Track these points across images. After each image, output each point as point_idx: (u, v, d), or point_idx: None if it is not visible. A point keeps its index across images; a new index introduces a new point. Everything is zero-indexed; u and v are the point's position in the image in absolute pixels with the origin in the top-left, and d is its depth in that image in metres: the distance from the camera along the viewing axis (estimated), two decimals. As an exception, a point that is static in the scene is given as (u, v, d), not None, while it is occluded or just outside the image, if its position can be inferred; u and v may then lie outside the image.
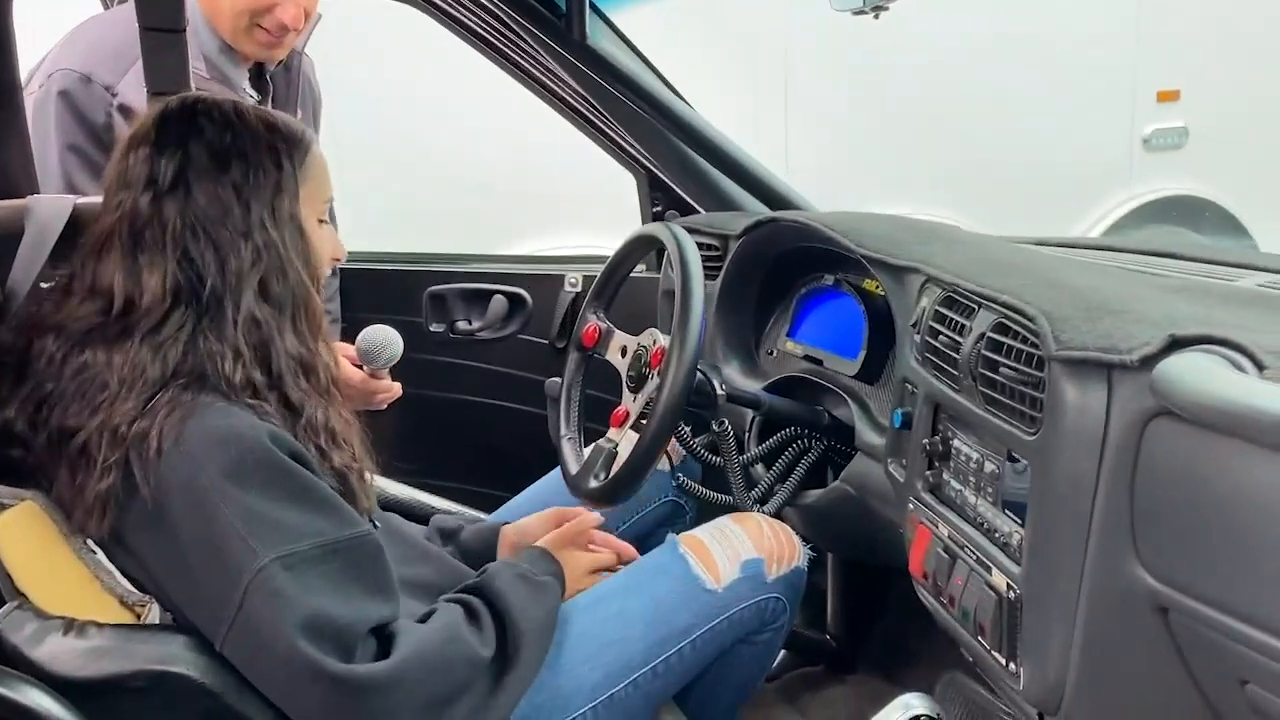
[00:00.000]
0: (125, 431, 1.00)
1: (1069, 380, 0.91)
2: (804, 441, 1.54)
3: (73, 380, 1.04)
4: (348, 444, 1.14)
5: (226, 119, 1.11)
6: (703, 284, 1.29)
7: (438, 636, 1.07)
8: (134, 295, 1.05)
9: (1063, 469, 0.91)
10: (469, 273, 2.24)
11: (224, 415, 1.02)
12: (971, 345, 1.06)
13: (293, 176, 1.13)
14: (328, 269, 1.22)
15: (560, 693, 1.24)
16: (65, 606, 1.02)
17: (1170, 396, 0.79)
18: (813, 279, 1.63)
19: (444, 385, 2.23)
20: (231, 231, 1.08)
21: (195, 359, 1.04)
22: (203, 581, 1.01)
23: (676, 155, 1.84)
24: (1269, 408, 0.71)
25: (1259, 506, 0.75)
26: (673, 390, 1.25)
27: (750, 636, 1.36)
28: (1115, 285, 1.10)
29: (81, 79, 1.54)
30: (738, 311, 1.72)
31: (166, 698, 1.01)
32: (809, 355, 1.62)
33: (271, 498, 1.00)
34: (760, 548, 1.35)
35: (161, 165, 1.08)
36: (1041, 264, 1.20)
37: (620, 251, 1.50)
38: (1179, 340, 0.85)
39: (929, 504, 1.18)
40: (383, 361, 1.51)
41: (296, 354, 1.11)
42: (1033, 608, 0.97)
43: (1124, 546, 0.88)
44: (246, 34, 1.61)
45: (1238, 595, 0.78)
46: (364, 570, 1.05)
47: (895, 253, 1.31)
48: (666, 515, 1.63)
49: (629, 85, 1.59)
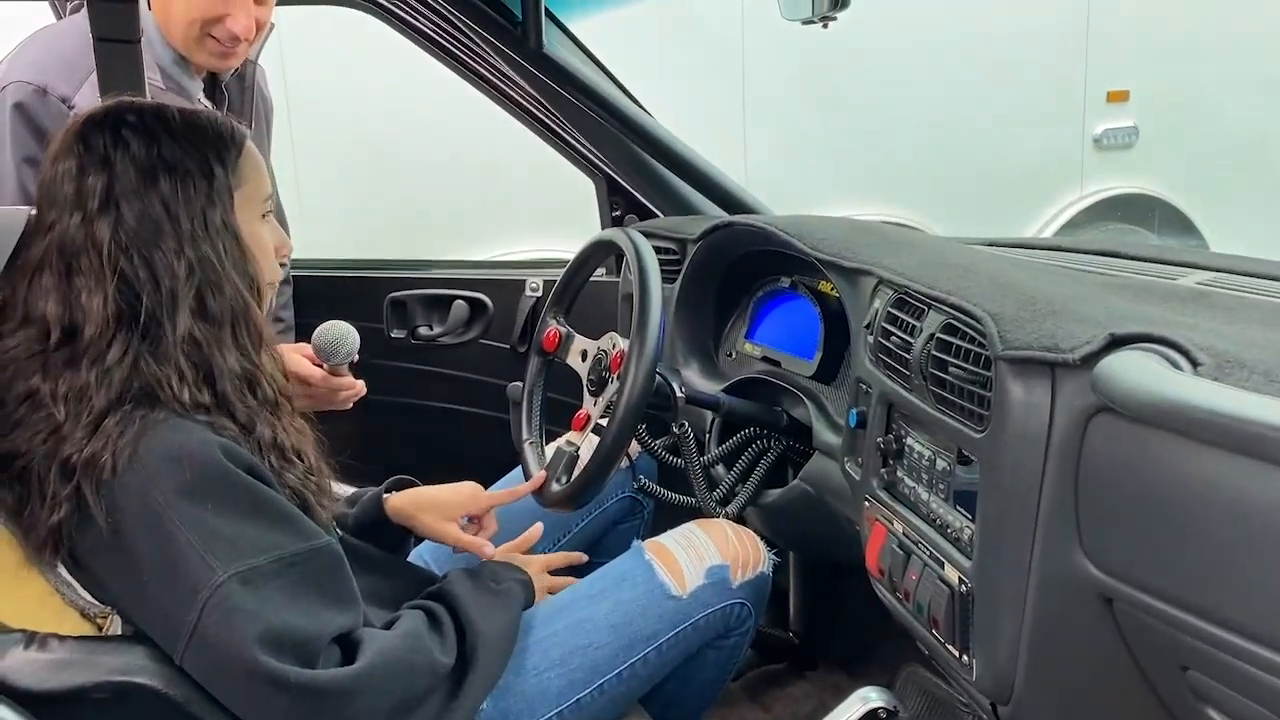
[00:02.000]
0: (75, 461, 0.98)
1: (1014, 379, 0.94)
2: (763, 442, 1.56)
3: (15, 409, 1.01)
4: (301, 458, 1.12)
5: (150, 129, 1.07)
6: (660, 288, 1.31)
7: (401, 643, 1.08)
8: (76, 322, 1.02)
9: (1009, 465, 0.94)
10: (430, 278, 2.24)
11: (176, 431, 1.00)
12: (922, 346, 1.09)
13: (225, 182, 1.09)
14: (276, 269, 1.19)
15: (526, 697, 1.25)
16: (26, 620, 1.01)
17: (1109, 394, 0.82)
18: (769, 281, 1.66)
19: (406, 391, 2.24)
20: (163, 249, 1.04)
21: (141, 382, 1.01)
22: (159, 599, 0.99)
23: (634, 160, 1.86)
24: (1201, 403, 0.74)
25: (1194, 498, 0.78)
26: (632, 393, 1.27)
27: (716, 641, 1.38)
28: (1060, 285, 1.13)
29: (37, 91, 1.52)
30: (696, 314, 1.74)
31: (130, 709, 1.01)
32: (767, 356, 1.64)
33: (227, 514, 0.99)
34: (725, 554, 1.37)
35: (88, 184, 1.04)
36: (990, 265, 1.23)
37: (579, 256, 1.52)
38: (1118, 339, 0.88)
39: (884, 501, 1.20)
40: (340, 357, 1.49)
41: (240, 369, 1.08)
42: (983, 600, 1.00)
43: (1069, 539, 0.91)
44: (198, 44, 1.60)
45: (1177, 584, 0.81)
46: (324, 581, 1.05)
47: (848, 255, 1.34)
48: (624, 512, 1.65)
49: (585, 92, 1.60)
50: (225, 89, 1.76)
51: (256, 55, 1.79)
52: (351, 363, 1.57)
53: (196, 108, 1.14)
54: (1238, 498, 0.75)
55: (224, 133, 1.11)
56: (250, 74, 1.79)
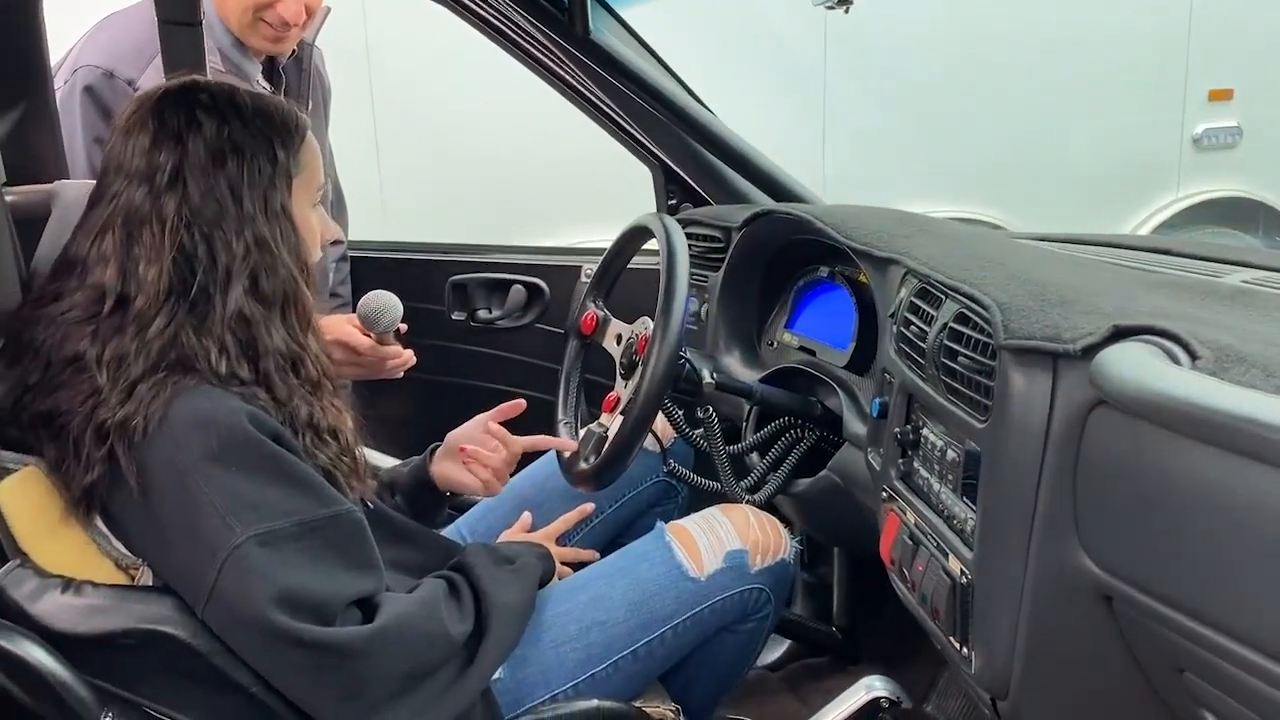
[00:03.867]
0: (110, 424, 1.02)
1: (1016, 369, 0.92)
2: (797, 431, 1.56)
3: (61, 370, 1.06)
4: (337, 438, 1.15)
5: (222, 111, 1.11)
6: (687, 274, 1.32)
7: (418, 609, 1.10)
8: (128, 291, 1.07)
9: (1009, 456, 0.93)
10: (490, 263, 2.29)
11: (205, 397, 1.04)
12: (935, 335, 1.08)
13: (286, 168, 1.13)
14: (319, 253, 1.23)
15: (542, 668, 1.28)
16: (64, 566, 1.07)
17: (1102, 386, 0.81)
18: (809, 271, 1.65)
19: (464, 372, 2.29)
20: (224, 228, 1.08)
21: (178, 353, 1.05)
22: (182, 556, 1.04)
23: (686, 148, 1.86)
24: (1189, 397, 0.72)
25: (1188, 497, 0.76)
26: (653, 377, 1.28)
27: (734, 625, 1.39)
28: (1086, 279, 1.10)
29: (105, 74, 1.61)
30: (740, 302, 1.74)
31: (155, 655, 1.06)
32: (803, 346, 1.64)
33: (250, 478, 1.02)
34: (745, 539, 1.38)
35: (159, 159, 1.08)
36: (1019, 257, 1.21)
37: (617, 242, 1.54)
38: (1122, 330, 0.86)
39: (900, 492, 1.19)
40: (384, 325, 1.53)
41: (285, 348, 1.12)
42: (982, 592, 0.99)
43: (1067, 534, 0.89)
44: (252, 28, 1.67)
45: (1172, 585, 0.79)
46: (344, 546, 1.07)
47: (880, 245, 1.33)
48: (658, 496, 1.66)
49: (632, 79, 1.62)
50: (283, 71, 1.82)
51: (313, 38, 1.85)
52: (398, 332, 1.61)
53: (264, 93, 1.19)
54: (1229, 496, 0.73)
55: (289, 120, 1.16)
56: (307, 57, 1.85)
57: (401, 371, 1.69)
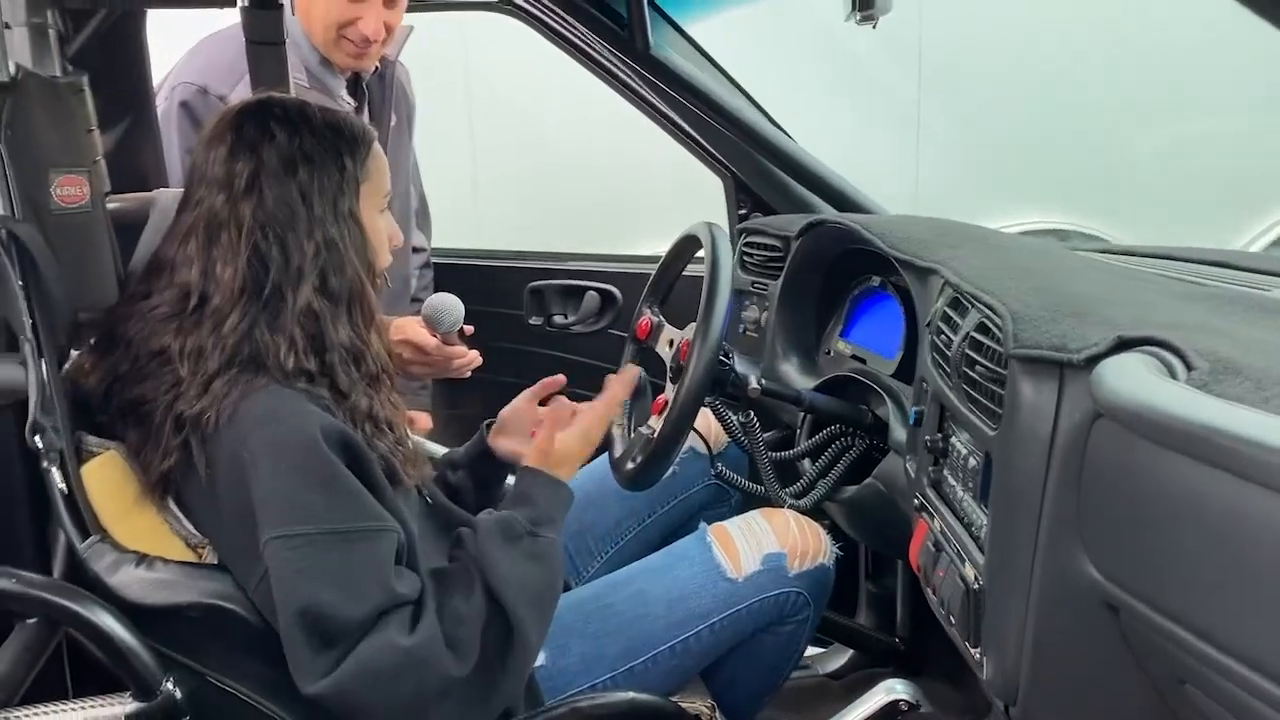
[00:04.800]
0: (187, 415, 1.11)
1: (1025, 378, 0.94)
2: (847, 439, 1.58)
3: (148, 362, 1.16)
4: (392, 428, 1.22)
5: (295, 123, 1.20)
6: (730, 281, 1.35)
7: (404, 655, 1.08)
8: (208, 290, 1.16)
9: (1016, 464, 0.94)
10: (567, 270, 2.36)
11: (274, 397, 1.11)
12: (958, 343, 1.09)
13: (354, 175, 1.21)
14: (387, 257, 1.31)
15: (583, 659, 1.33)
16: (139, 543, 1.16)
17: (1096, 396, 0.82)
18: (863, 280, 1.67)
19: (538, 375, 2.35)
20: (296, 231, 1.16)
21: (252, 348, 1.13)
22: (237, 542, 1.13)
23: (752, 160, 1.90)
24: (1171, 410, 0.73)
25: (1181, 510, 0.76)
26: (692, 381, 1.32)
27: (772, 627, 1.41)
28: (1113, 291, 1.10)
29: (199, 91, 1.74)
30: (798, 310, 1.77)
31: (216, 627, 1.15)
32: (856, 354, 1.65)
33: (298, 480, 1.08)
34: (784, 542, 1.40)
35: (237, 168, 1.17)
36: (1058, 269, 1.21)
37: (671, 250, 1.58)
38: (1125, 341, 0.87)
39: (929, 499, 1.21)
40: (447, 325, 1.60)
41: (349, 344, 1.19)
42: (992, 598, 1.00)
43: (1072, 543, 0.90)
44: (336, 46, 1.78)
45: (1170, 598, 0.79)
46: (369, 561, 1.10)
47: (922, 254, 1.34)
48: (709, 499, 1.69)
49: (693, 92, 1.66)
50: (365, 87, 1.93)
51: (396, 55, 1.94)
52: (463, 333, 1.69)
53: (334, 107, 1.27)
54: (1215, 511, 0.73)
55: (356, 132, 1.23)
56: (390, 73, 1.95)
57: (468, 371, 1.76)
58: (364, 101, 1.93)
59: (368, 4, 1.75)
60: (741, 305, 1.90)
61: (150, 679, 1.10)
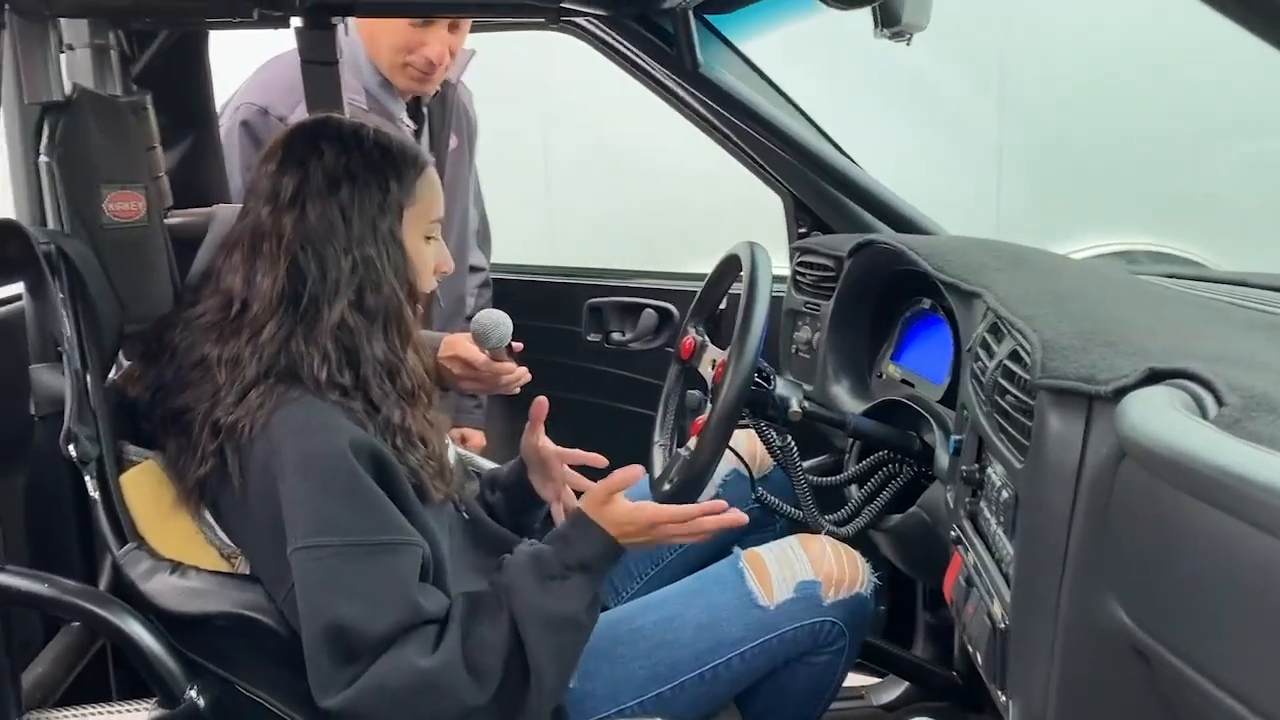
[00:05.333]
0: (223, 423, 1.13)
1: (1053, 410, 0.89)
2: (894, 466, 1.53)
3: (190, 371, 1.19)
4: (424, 443, 1.22)
5: (344, 142, 1.22)
6: (767, 302, 1.33)
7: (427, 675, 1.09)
8: (248, 298, 1.19)
9: (1041, 500, 0.90)
10: (625, 287, 2.35)
11: (307, 409, 1.13)
12: (991, 371, 1.05)
13: (397, 198, 1.22)
14: (431, 282, 1.31)
15: (612, 682, 1.31)
16: (174, 551, 1.19)
17: (1118, 432, 0.77)
18: (915, 303, 1.62)
19: (594, 391, 2.35)
20: (335, 247, 1.19)
21: (287, 359, 1.16)
22: (267, 551, 1.15)
23: (808, 179, 1.86)
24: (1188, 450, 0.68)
25: (1214, 558, 0.71)
26: (724, 402, 1.30)
27: (805, 657, 1.37)
28: (1160, 318, 1.05)
29: (260, 111, 1.79)
30: (850, 332, 1.73)
31: (246, 637, 1.17)
32: (905, 378, 1.61)
33: (325, 492, 1.10)
34: (819, 570, 1.36)
35: (283, 182, 1.21)
36: (1107, 294, 1.16)
37: (715, 270, 1.57)
38: (1157, 373, 0.82)
39: (966, 532, 1.16)
40: (495, 340, 1.61)
41: (383, 359, 1.20)
42: (1017, 640, 0.95)
43: (1099, 585, 0.85)
44: (400, 70, 1.81)
45: (1204, 653, 0.74)
46: (393, 575, 1.11)
47: (967, 277, 1.30)
48: (753, 524, 1.64)
49: (745, 112, 1.64)
50: (427, 109, 1.95)
51: (457, 78, 1.97)
52: (511, 349, 1.69)
53: (390, 132, 1.29)
54: (1255, 566, 0.67)
55: (408, 156, 1.25)
56: (451, 95, 1.97)
57: (517, 388, 1.76)
58: (424, 124, 1.95)
59: (433, 30, 1.78)
60: (794, 325, 1.86)
61: (174, 686, 1.12)
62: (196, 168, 1.70)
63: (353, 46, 1.84)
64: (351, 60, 1.83)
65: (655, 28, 1.55)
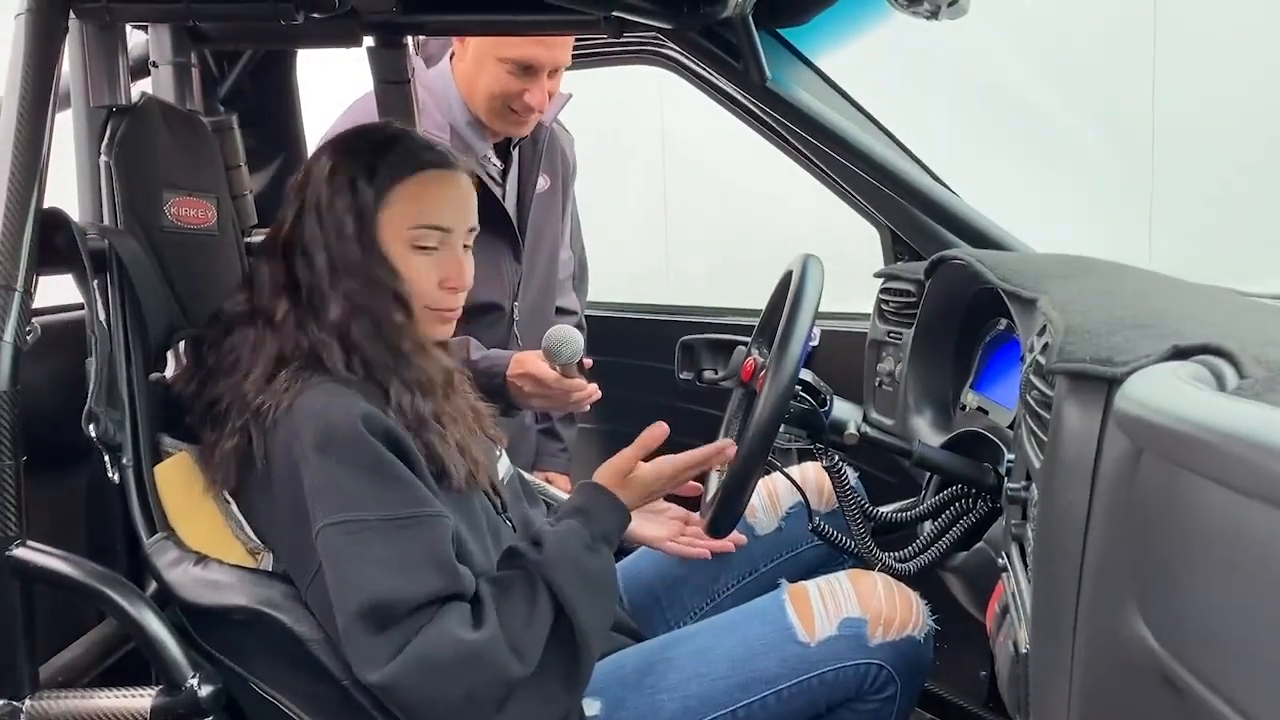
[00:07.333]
0: (251, 399, 1.16)
1: (1069, 398, 0.79)
2: (969, 501, 1.41)
3: (223, 357, 1.22)
4: (442, 425, 1.22)
5: (348, 147, 1.25)
6: (811, 315, 1.26)
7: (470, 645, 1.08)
8: (263, 288, 1.23)
9: (1056, 501, 0.79)
10: (719, 324, 2.30)
11: (326, 392, 1.14)
12: (1025, 369, 0.95)
13: (365, 199, 1.21)
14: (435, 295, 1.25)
15: (638, 713, 1.24)
16: (201, 544, 1.21)
17: (1114, 410, 0.67)
18: (993, 325, 1.51)
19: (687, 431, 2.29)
20: (322, 246, 1.21)
21: (306, 343, 1.19)
22: (292, 538, 1.14)
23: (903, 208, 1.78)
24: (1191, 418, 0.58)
25: (1236, 559, 0.60)
26: (759, 420, 1.22)
27: (850, 704, 1.26)
28: (1221, 313, 0.92)
29: None
30: (933, 360, 1.62)
31: (263, 634, 1.17)
32: (981, 406, 1.49)
33: (347, 470, 1.10)
34: (866, 608, 1.26)
35: (294, 182, 1.28)
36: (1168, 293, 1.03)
37: (776, 290, 1.50)
38: (1181, 351, 0.71)
39: (1010, 557, 1.05)
40: (565, 357, 1.59)
41: (381, 357, 1.20)
42: (1036, 665, 0.84)
43: (1122, 600, 0.74)
44: (500, 115, 1.83)
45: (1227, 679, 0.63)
46: (426, 545, 1.10)
47: (1028, 285, 1.19)
48: (820, 560, 1.55)
49: (818, 128, 1.57)
50: (513, 149, 1.97)
51: (551, 120, 1.98)
52: (582, 366, 1.67)
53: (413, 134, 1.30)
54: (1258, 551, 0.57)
55: (394, 156, 1.23)
56: (544, 137, 1.98)
57: (586, 405, 1.74)
58: (511, 163, 1.97)
59: (536, 79, 1.80)
60: (878, 357, 1.77)
61: (177, 673, 1.12)
62: (284, 188, 1.77)
63: (444, 82, 1.87)
64: (443, 98, 1.86)
65: (721, 41, 1.52)
